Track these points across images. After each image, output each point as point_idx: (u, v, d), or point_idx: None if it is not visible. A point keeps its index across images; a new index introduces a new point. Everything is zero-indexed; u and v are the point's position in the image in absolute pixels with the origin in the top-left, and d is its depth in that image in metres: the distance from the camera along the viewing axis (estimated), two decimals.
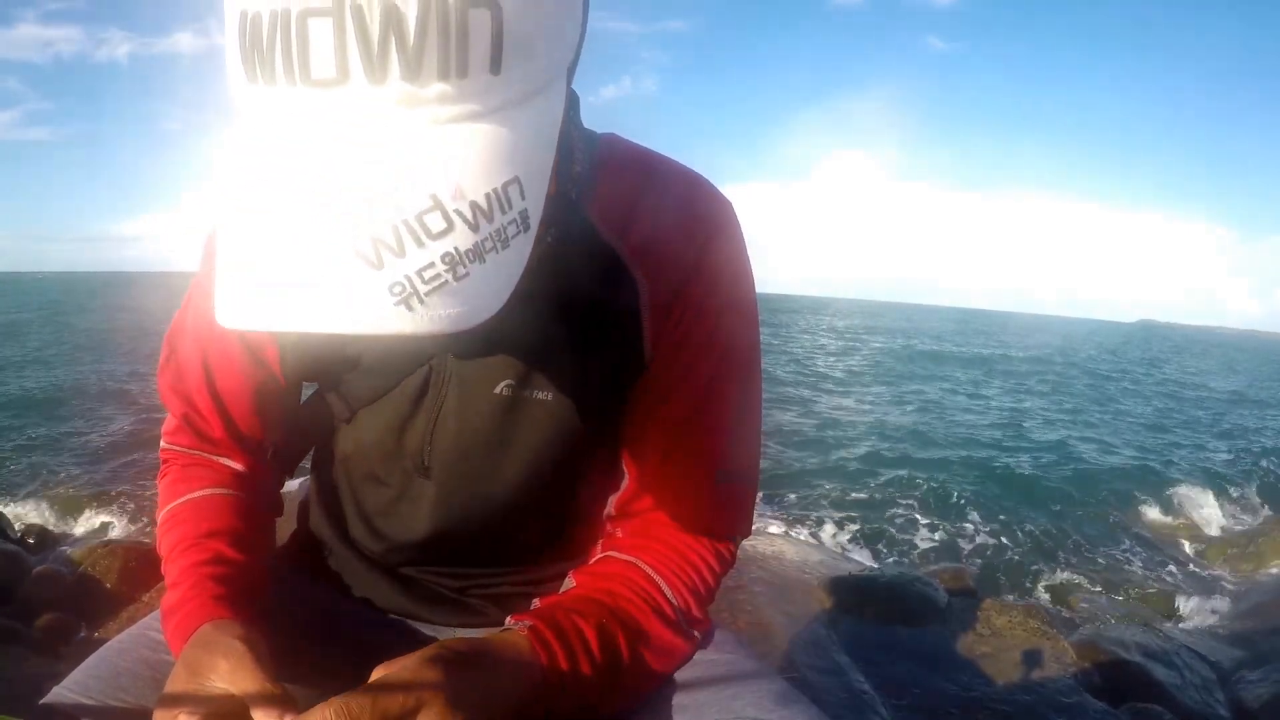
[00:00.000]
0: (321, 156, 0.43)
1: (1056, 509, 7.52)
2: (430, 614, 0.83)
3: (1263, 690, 2.96)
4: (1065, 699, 2.46)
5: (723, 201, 0.72)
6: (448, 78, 0.42)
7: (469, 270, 0.42)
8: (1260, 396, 21.76)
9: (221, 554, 0.72)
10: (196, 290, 0.77)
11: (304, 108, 0.43)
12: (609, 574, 0.73)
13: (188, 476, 0.79)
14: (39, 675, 2.14)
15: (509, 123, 0.45)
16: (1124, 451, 11.03)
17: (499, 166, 0.44)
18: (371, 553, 0.82)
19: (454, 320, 0.42)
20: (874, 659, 2.56)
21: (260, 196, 0.44)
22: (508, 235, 0.44)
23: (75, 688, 0.68)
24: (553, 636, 0.64)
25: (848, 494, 7.56)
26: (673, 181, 0.72)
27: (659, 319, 0.69)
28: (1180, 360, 40.11)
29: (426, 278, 0.41)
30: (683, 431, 0.72)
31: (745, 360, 0.74)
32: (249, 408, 0.78)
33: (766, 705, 0.68)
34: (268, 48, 0.42)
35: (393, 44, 0.41)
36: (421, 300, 0.41)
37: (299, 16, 0.41)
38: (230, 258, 0.44)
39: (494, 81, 0.44)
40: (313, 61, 0.41)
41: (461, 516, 0.76)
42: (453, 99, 0.43)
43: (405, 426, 0.73)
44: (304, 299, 0.41)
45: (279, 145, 0.44)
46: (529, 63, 0.45)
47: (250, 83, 0.44)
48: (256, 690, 0.56)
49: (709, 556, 0.74)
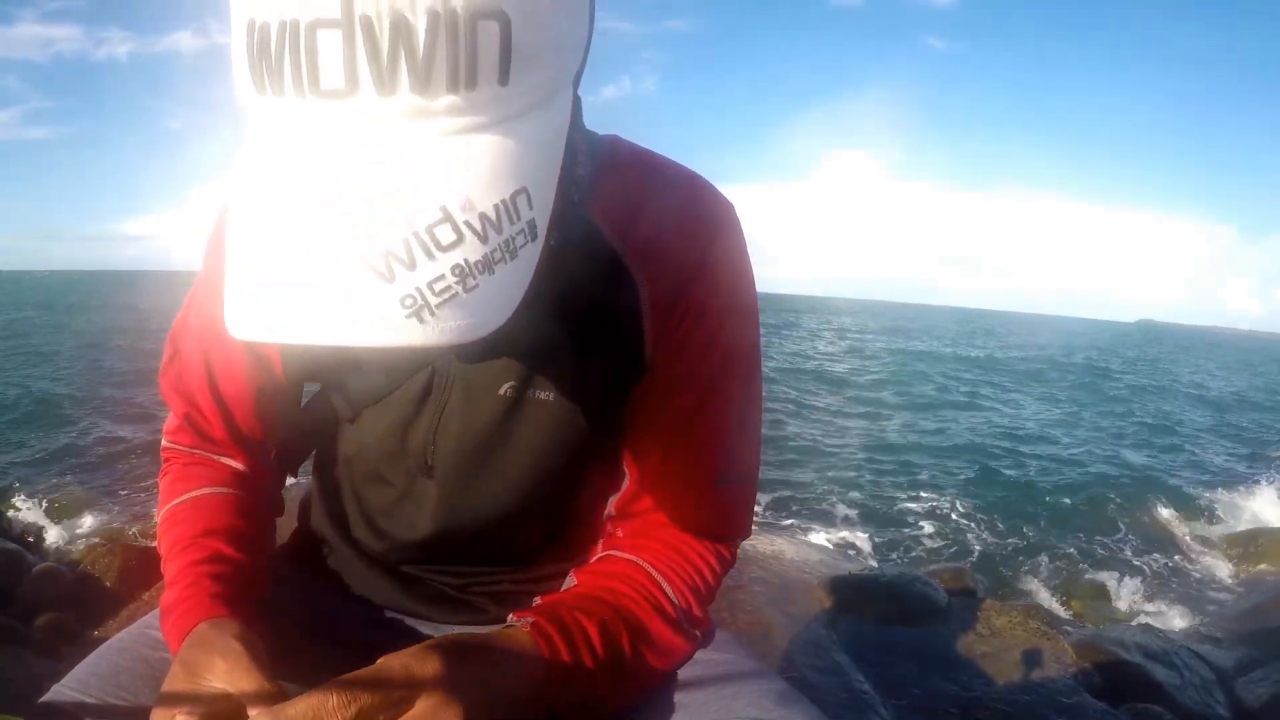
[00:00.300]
0: (331, 168, 0.43)
1: (1057, 509, 7.53)
2: (431, 612, 0.83)
3: (1263, 690, 2.96)
4: (1065, 699, 2.46)
5: (725, 203, 0.72)
6: (457, 89, 0.42)
7: (478, 281, 0.42)
8: (1258, 399, 21.75)
9: (220, 553, 0.72)
10: (199, 290, 0.77)
11: (313, 119, 0.43)
12: (611, 572, 0.73)
13: (188, 475, 0.79)
14: (39, 674, 2.14)
15: (516, 133, 0.45)
16: (1124, 452, 11.03)
17: (507, 177, 0.44)
18: (373, 552, 0.82)
19: (464, 331, 0.42)
20: (874, 659, 2.56)
21: (270, 208, 0.44)
22: (516, 246, 0.44)
23: (75, 686, 0.68)
24: (555, 631, 0.64)
25: (848, 494, 7.57)
26: (675, 183, 0.72)
27: (661, 320, 0.69)
28: (1180, 360, 40.10)
29: (437, 290, 0.41)
30: (684, 432, 0.72)
31: (746, 362, 0.74)
32: (250, 408, 0.78)
33: (766, 705, 0.68)
34: (276, 59, 0.42)
35: (402, 56, 0.41)
36: (432, 312, 0.41)
37: (308, 28, 0.41)
38: (240, 268, 0.44)
39: (502, 93, 0.44)
40: (322, 73, 0.41)
41: (464, 516, 0.76)
42: (461, 110, 0.43)
43: (408, 427, 0.74)
44: (315, 311, 0.41)
45: (288, 157, 0.44)
46: (536, 74, 0.46)
47: (259, 93, 0.44)
48: (253, 689, 0.56)
49: (709, 556, 0.74)
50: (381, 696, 0.52)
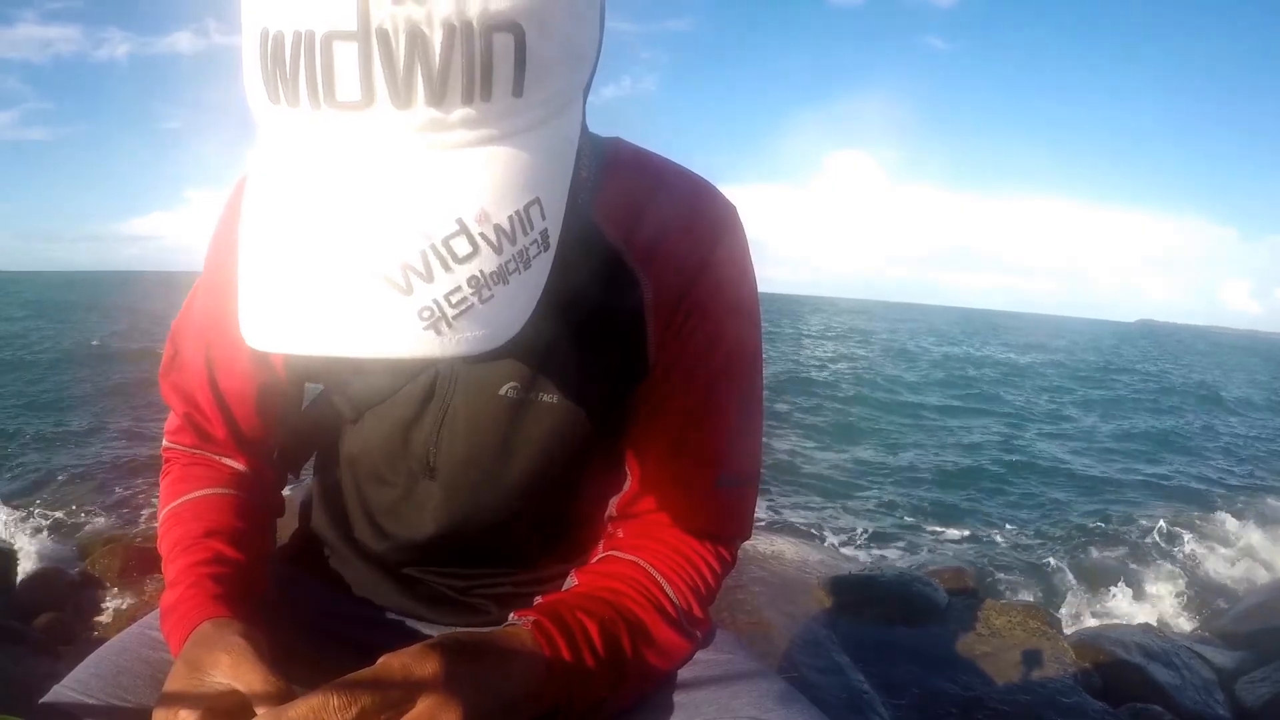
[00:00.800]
0: (347, 180, 0.43)
1: (1056, 509, 7.53)
2: (432, 613, 0.83)
3: (1263, 690, 2.96)
4: (1065, 699, 2.46)
5: (728, 205, 0.73)
6: (472, 102, 0.42)
7: (494, 292, 0.43)
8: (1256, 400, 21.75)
9: (221, 553, 0.72)
10: (200, 290, 0.77)
11: (327, 130, 0.43)
12: (612, 573, 0.73)
13: (188, 476, 0.79)
14: (39, 674, 2.14)
15: (530, 145, 0.45)
16: (1124, 452, 11.03)
17: (521, 188, 0.44)
18: (375, 553, 0.82)
19: (480, 341, 0.43)
20: (874, 659, 2.56)
21: (286, 219, 0.44)
22: (529, 255, 0.44)
23: (76, 686, 0.68)
24: (556, 630, 0.65)
25: (848, 494, 7.57)
26: (678, 185, 0.72)
27: (663, 321, 0.69)
28: (1181, 360, 40.11)
29: (454, 301, 0.42)
30: (685, 433, 0.72)
31: (748, 363, 0.74)
32: (252, 408, 0.78)
33: (766, 705, 0.68)
34: (291, 69, 0.42)
35: (418, 68, 0.41)
36: (449, 324, 0.42)
37: (324, 39, 0.41)
38: (256, 279, 0.44)
39: (516, 104, 0.44)
40: (338, 85, 0.41)
41: (466, 518, 0.76)
42: (476, 122, 0.43)
43: (411, 428, 0.74)
44: (334, 323, 0.42)
45: (304, 168, 0.44)
46: (550, 85, 0.46)
47: (272, 103, 0.44)
48: (260, 684, 0.56)
49: (710, 557, 0.75)
50: (382, 697, 0.52)
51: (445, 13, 0.40)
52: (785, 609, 2.70)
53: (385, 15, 0.40)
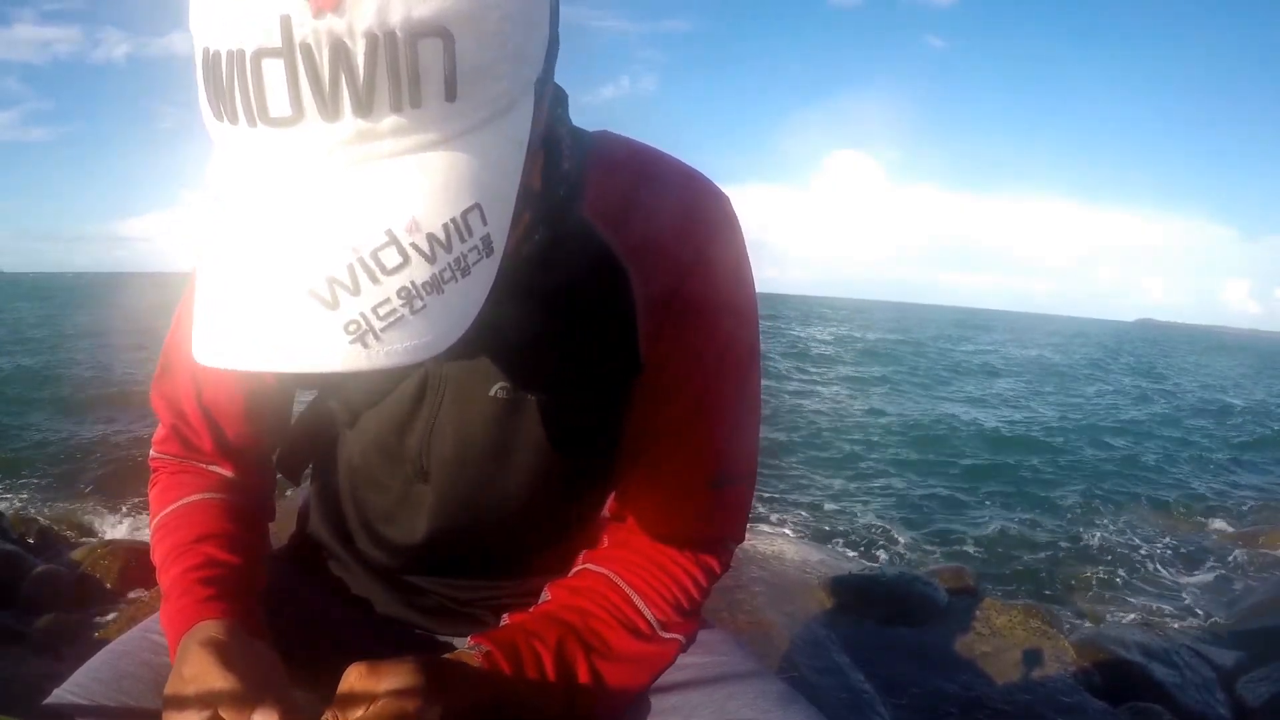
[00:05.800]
0: (278, 196, 0.43)
1: (1057, 509, 7.52)
2: (431, 623, 0.83)
3: (1263, 690, 2.96)
4: (1065, 699, 2.46)
5: (721, 198, 0.71)
6: (401, 110, 0.42)
7: (426, 302, 0.42)
8: (1254, 400, 21.75)
9: (213, 558, 0.72)
10: (188, 302, 0.77)
11: (264, 146, 0.43)
12: (581, 589, 0.74)
13: (176, 484, 0.79)
14: (39, 676, 2.14)
15: (470, 148, 0.45)
16: (1124, 451, 11.02)
17: (458, 194, 0.44)
18: (372, 558, 0.82)
19: (411, 352, 0.43)
20: (874, 659, 2.56)
21: (228, 237, 0.45)
22: (468, 263, 0.44)
23: (77, 689, 0.69)
24: (504, 658, 0.67)
25: (848, 494, 7.56)
26: (669, 177, 0.70)
27: (655, 317, 0.68)
28: (1181, 360, 40.08)
29: (381, 314, 0.42)
30: (679, 433, 0.71)
31: (743, 361, 0.72)
32: (240, 417, 0.78)
33: (765, 705, 0.68)
34: (227, 87, 0.43)
35: (343, 80, 0.41)
36: (377, 336, 0.42)
37: (253, 57, 0.41)
38: (204, 295, 0.45)
39: (451, 109, 0.44)
40: (269, 101, 0.42)
41: (460, 520, 0.76)
42: (408, 130, 0.43)
43: (404, 430, 0.73)
44: (262, 339, 0.42)
45: (241, 185, 0.45)
46: (490, 85, 0.45)
47: (217, 120, 0.45)
48: (259, 685, 0.57)
49: (690, 565, 0.74)
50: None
51: (367, 23, 0.40)
52: (785, 609, 2.70)
53: (308, 30, 0.40)
